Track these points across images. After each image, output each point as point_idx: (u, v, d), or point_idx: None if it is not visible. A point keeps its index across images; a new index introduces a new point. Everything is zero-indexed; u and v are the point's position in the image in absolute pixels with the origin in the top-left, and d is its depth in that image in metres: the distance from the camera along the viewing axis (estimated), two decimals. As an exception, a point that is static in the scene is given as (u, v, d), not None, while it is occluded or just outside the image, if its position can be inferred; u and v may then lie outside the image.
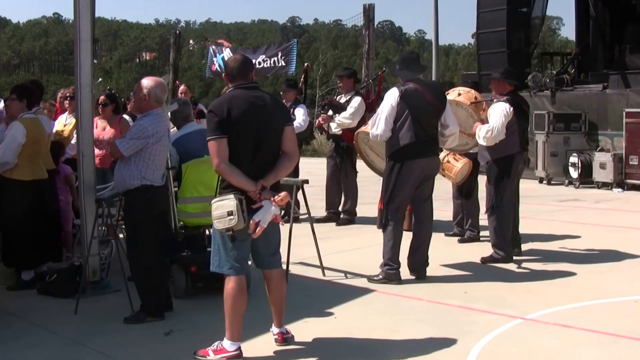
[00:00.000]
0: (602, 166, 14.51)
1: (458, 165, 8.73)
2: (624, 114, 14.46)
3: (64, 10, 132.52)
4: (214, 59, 15.03)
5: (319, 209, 11.15)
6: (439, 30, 25.62)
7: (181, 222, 6.86)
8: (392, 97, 7.15)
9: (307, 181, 7.78)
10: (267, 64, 14.11)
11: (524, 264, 8.01)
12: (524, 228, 8.80)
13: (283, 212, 9.51)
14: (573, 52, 19.88)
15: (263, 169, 5.08)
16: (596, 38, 19.07)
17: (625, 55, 17.47)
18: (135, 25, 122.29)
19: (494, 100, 8.16)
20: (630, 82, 16.59)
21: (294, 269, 7.69)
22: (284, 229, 5.90)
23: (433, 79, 24.36)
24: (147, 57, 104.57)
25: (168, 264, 6.74)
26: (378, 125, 7.17)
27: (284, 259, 7.26)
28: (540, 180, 15.82)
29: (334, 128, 10.50)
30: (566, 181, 15.33)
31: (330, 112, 10.46)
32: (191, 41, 79.10)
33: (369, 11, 18.50)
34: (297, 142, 5.38)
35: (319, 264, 7.69)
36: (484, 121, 8.04)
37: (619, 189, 14.27)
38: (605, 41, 18.87)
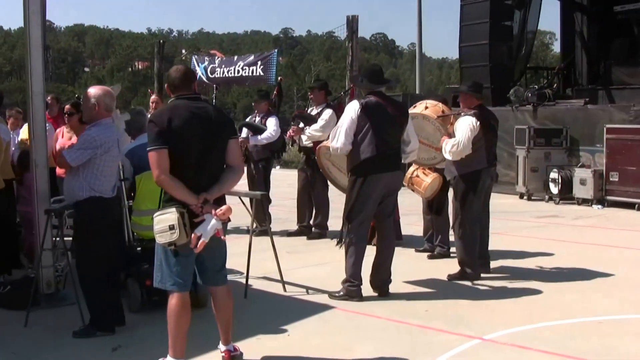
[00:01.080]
0: (583, 182, 14.37)
1: (427, 180, 8.61)
2: (605, 129, 14.32)
3: (56, 17, 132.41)
4: (197, 68, 14.95)
5: (294, 222, 11.00)
6: (432, 44, 25.81)
7: (136, 235, 6.71)
8: (352, 110, 7.01)
9: (267, 195, 7.64)
10: (245, 72, 14.01)
11: (491, 282, 7.84)
12: (498, 244, 8.64)
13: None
14: (557, 67, 19.80)
15: (207, 181, 4.93)
16: (581, 53, 19.03)
17: (611, 71, 17.40)
18: (127, 34, 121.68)
19: (462, 113, 8.04)
20: (615, 97, 16.50)
21: (256, 284, 7.55)
22: (244, 243, 5.76)
23: (417, 92, 24.28)
24: (140, 66, 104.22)
25: (123, 277, 6.59)
26: (338, 138, 7.01)
27: (244, 273, 7.18)
28: (521, 196, 15.70)
29: (305, 140, 10.32)
30: (547, 197, 15.20)
31: (301, 124, 10.31)
32: (183, 51, 78.89)
33: (352, 22, 18.28)
34: (242, 155, 5.25)
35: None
36: (452, 135, 7.91)
37: (599, 206, 14.14)
38: (591, 56, 18.84)
